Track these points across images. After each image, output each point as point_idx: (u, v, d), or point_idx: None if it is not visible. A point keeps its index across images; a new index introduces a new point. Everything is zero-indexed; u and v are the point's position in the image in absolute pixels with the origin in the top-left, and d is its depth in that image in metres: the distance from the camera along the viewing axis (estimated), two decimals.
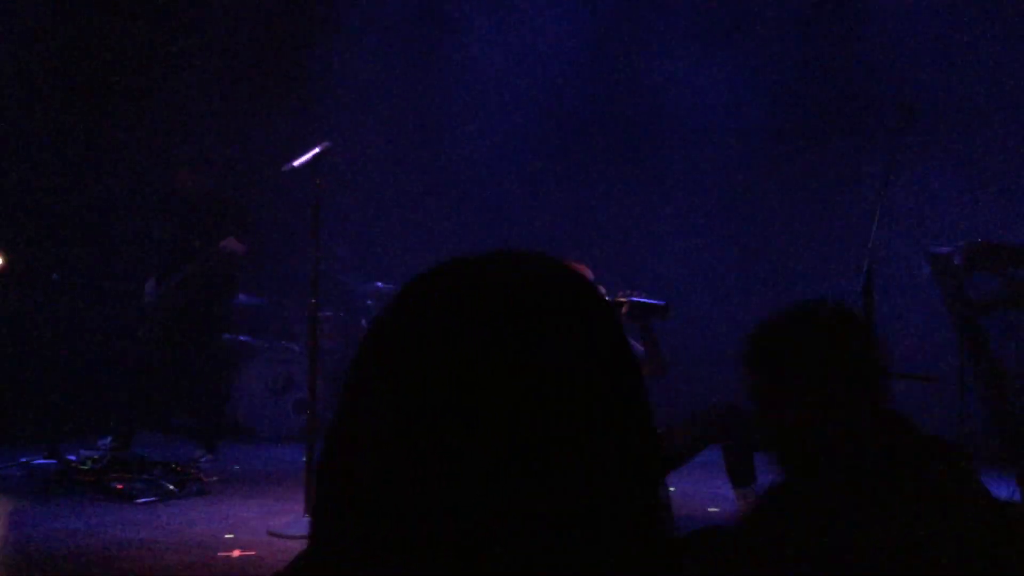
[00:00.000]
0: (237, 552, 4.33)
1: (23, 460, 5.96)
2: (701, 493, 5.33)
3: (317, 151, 4.73)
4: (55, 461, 5.86)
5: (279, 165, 4.70)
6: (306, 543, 0.72)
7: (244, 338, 7.79)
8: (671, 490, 4.33)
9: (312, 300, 4.73)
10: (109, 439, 6.33)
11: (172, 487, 5.44)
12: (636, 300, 4.71)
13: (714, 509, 5.06)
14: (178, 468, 5.73)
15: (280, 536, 4.58)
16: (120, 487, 5.36)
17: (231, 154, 7.39)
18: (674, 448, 4.52)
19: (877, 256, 4.39)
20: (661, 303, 4.71)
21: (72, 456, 5.83)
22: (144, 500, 5.27)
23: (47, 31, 7.34)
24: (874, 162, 6.22)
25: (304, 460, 4.92)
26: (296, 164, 4.69)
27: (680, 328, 5.74)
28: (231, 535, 4.59)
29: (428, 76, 8.64)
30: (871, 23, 7.59)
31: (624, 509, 0.68)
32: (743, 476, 4.57)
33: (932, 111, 6.14)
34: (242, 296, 7.72)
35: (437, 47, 8.62)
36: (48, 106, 7.38)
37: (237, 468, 6.37)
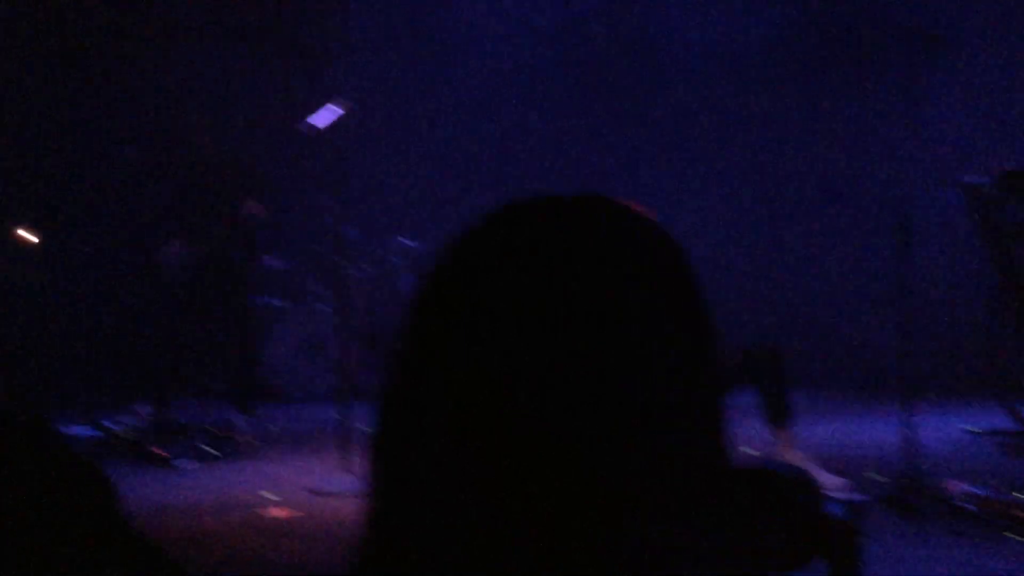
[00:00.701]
0: (283, 511, 4.37)
1: (61, 430, 6.04)
2: (736, 435, 5.31)
3: (339, 111, 4.69)
4: (94, 430, 5.92)
5: (295, 124, 4.67)
6: (358, 515, 0.70)
7: (273, 300, 7.81)
8: None
9: (337, 259, 4.73)
10: (147, 405, 6.39)
11: (212, 450, 5.49)
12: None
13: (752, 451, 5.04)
14: (216, 431, 5.78)
15: (320, 494, 4.62)
16: (161, 453, 5.41)
17: (248, 116, 7.35)
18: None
19: (910, 191, 4.31)
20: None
21: (111, 424, 5.89)
22: (184, 464, 5.32)
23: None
24: (891, 94, 6.09)
25: (338, 418, 4.94)
26: (320, 125, 4.66)
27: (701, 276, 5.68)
28: (272, 495, 4.63)
29: (436, 29, 8.53)
30: None
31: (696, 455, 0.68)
32: (781, 415, 4.57)
33: (952, 40, 5.99)
34: (267, 259, 7.72)
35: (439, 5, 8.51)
36: (52, 82, 7.35)
37: (274, 429, 6.42)
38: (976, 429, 5.59)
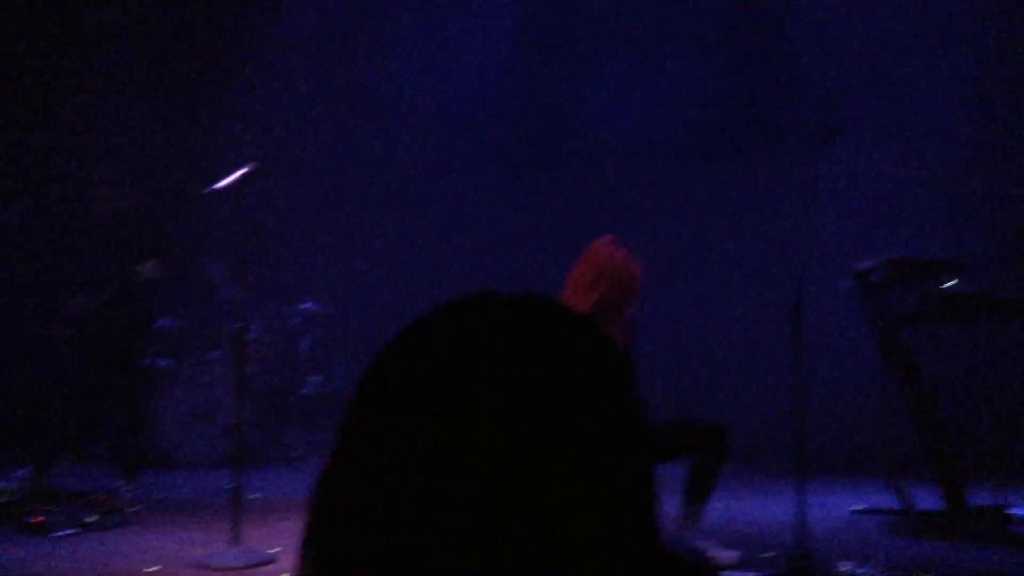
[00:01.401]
0: None
1: None
2: None
3: (244, 171, 4.64)
4: None
5: (202, 184, 4.60)
6: None
7: (164, 362, 7.60)
8: None
9: (238, 324, 4.63)
10: (26, 470, 6.10)
11: (93, 519, 5.26)
12: None
13: None
14: (98, 499, 5.54)
15: (207, 568, 4.45)
16: (39, 520, 5.16)
17: (153, 172, 7.22)
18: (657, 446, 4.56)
19: (805, 274, 4.46)
20: None
21: None
22: (64, 533, 5.08)
23: None
24: (797, 180, 6.33)
25: (230, 487, 4.80)
26: (221, 185, 4.59)
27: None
28: (156, 567, 4.45)
29: (353, 95, 8.57)
30: (791, 43, 7.74)
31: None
32: (701, 494, 4.60)
33: (853, 131, 6.27)
34: (163, 320, 7.53)
35: (363, 65, 8.56)
36: None
37: (160, 497, 6.19)
38: (862, 508, 5.73)
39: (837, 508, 5.72)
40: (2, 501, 5.42)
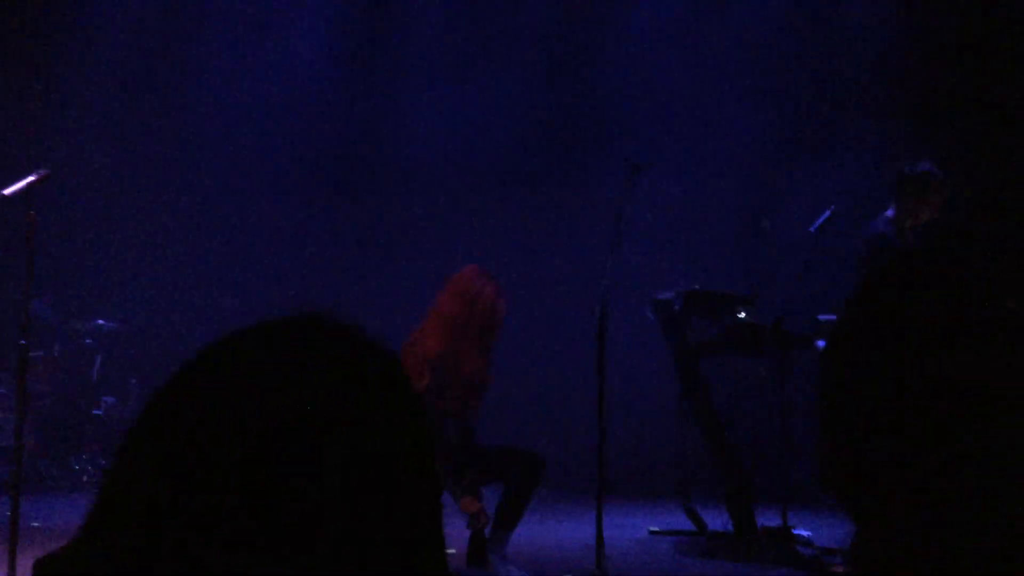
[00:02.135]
0: None
1: None
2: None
3: (32, 179, 4.37)
4: None
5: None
6: None
7: None
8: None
9: (22, 341, 4.34)
10: None
11: None
12: None
13: (452, 551, 5.07)
14: None
15: None
16: None
17: None
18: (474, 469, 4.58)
19: (609, 302, 4.60)
20: None
21: None
22: None
23: None
24: (604, 209, 6.53)
25: (8, 514, 4.47)
26: (7, 192, 4.31)
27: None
28: None
29: (159, 106, 8.24)
30: (605, 74, 8.01)
31: None
32: (510, 521, 4.64)
33: (658, 165, 6.54)
34: None
35: (176, 79, 8.25)
36: None
37: None
38: (657, 529, 5.94)
39: (634, 529, 5.90)
40: None
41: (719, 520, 5.55)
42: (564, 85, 8.10)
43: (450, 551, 4.97)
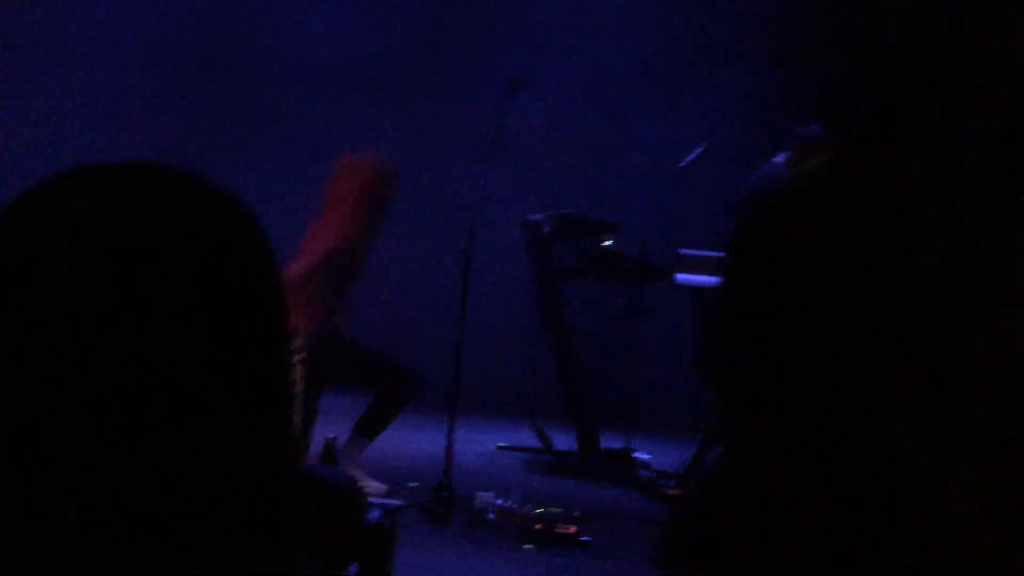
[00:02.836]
0: None
1: None
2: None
3: None
4: None
5: None
6: None
7: None
8: None
9: None
10: None
11: None
12: None
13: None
14: None
15: None
16: None
17: None
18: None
19: (479, 219, 4.61)
20: None
21: None
22: None
23: None
24: (480, 127, 6.49)
25: None
26: None
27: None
28: None
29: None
30: None
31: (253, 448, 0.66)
32: (372, 430, 4.67)
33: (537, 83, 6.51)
34: None
35: None
36: None
37: None
38: (505, 444, 6.08)
39: (483, 444, 6.03)
40: None
41: (566, 440, 5.73)
42: None
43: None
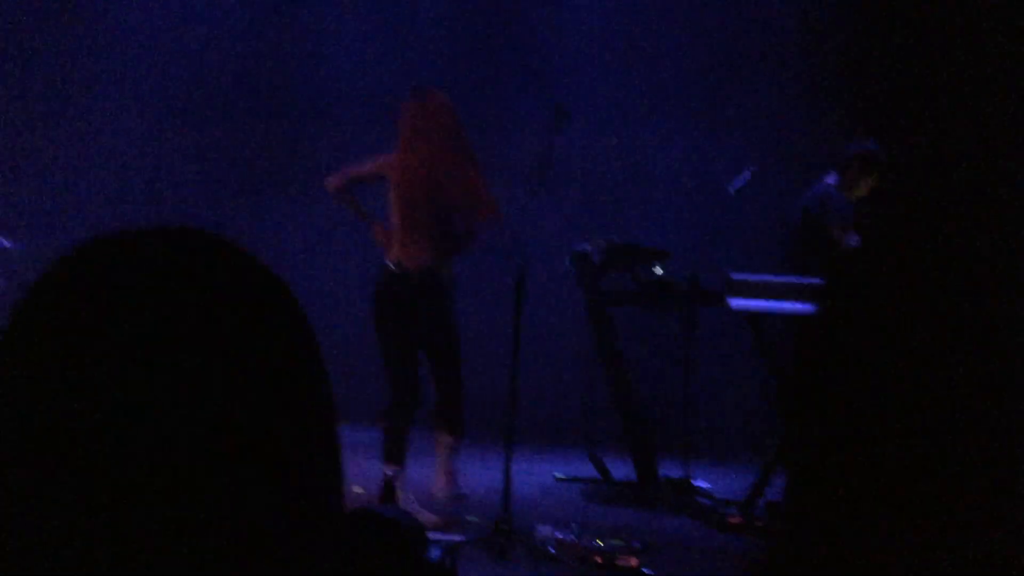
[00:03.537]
0: None
1: None
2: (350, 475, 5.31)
3: None
4: None
5: None
6: None
7: None
8: None
9: None
10: None
11: None
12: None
13: (359, 489, 5.08)
14: None
15: None
16: None
17: None
18: None
19: (528, 251, 4.61)
20: None
21: None
22: None
23: None
24: (525, 159, 6.52)
25: None
26: None
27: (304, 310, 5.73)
28: None
29: (56, 32, 7.87)
30: (528, 21, 7.91)
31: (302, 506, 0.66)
32: (397, 455, 4.68)
33: (585, 113, 6.52)
34: None
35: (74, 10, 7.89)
36: None
37: None
38: (563, 475, 6.04)
39: (541, 475, 5.99)
40: None
41: (623, 469, 5.68)
42: (486, 22, 7.97)
43: (357, 490, 4.99)
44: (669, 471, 5.61)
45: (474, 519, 4.84)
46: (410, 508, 4.62)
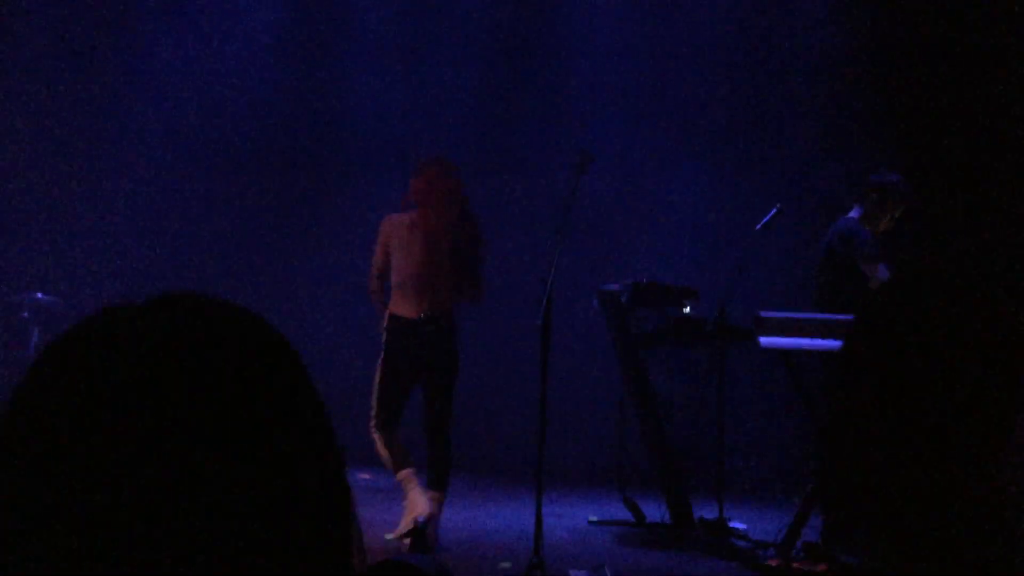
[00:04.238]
0: None
1: None
2: (379, 521, 5.30)
3: None
4: None
5: None
6: None
7: None
8: None
9: None
10: None
11: None
12: None
13: (391, 536, 5.06)
14: None
15: None
16: None
17: None
18: None
19: (555, 291, 4.61)
20: None
21: None
22: None
23: None
24: (549, 201, 6.55)
25: None
26: None
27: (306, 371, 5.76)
28: None
29: (97, 83, 8.03)
30: (551, 66, 7.99)
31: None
32: (401, 460, 4.98)
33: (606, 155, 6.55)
34: None
35: (112, 52, 8.06)
36: None
37: None
38: (596, 519, 5.98)
39: (573, 519, 5.94)
40: None
41: (657, 511, 5.62)
42: (511, 73, 8.06)
43: (388, 537, 4.98)
44: (704, 511, 5.54)
45: (506, 564, 4.79)
46: (440, 557, 4.59)
